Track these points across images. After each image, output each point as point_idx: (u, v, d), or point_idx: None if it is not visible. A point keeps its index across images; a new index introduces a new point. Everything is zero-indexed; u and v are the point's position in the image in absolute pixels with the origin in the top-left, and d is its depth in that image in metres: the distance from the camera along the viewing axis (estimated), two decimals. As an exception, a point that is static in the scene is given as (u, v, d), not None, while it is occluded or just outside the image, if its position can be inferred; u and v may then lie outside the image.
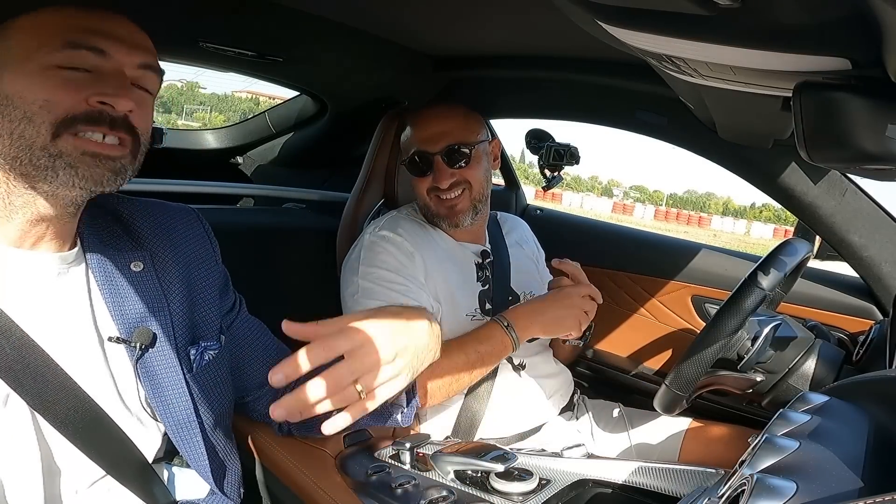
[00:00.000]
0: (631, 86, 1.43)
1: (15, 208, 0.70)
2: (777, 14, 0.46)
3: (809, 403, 0.61)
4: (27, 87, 0.67)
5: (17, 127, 0.67)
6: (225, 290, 0.93)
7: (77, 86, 0.68)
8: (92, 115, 0.68)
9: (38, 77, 0.67)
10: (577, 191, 63.40)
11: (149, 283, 0.80)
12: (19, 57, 0.68)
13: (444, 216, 1.31)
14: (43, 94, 0.67)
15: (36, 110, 0.67)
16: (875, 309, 1.42)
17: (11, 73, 0.68)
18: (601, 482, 1.01)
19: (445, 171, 1.28)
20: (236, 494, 0.89)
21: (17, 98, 0.67)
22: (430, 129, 1.31)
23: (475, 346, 1.17)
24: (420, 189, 1.33)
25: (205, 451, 0.81)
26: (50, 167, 0.67)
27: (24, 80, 0.67)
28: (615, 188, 79.91)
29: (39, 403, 0.68)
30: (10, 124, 0.67)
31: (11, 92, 0.67)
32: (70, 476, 0.73)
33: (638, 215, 44.76)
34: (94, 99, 0.69)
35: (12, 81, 0.68)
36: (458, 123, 1.31)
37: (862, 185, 1.33)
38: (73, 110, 0.68)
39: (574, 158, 1.78)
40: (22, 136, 0.67)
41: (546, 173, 1.83)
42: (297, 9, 1.26)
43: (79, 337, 0.74)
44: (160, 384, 0.78)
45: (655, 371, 1.70)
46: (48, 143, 0.67)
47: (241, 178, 2.23)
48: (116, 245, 0.80)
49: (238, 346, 0.93)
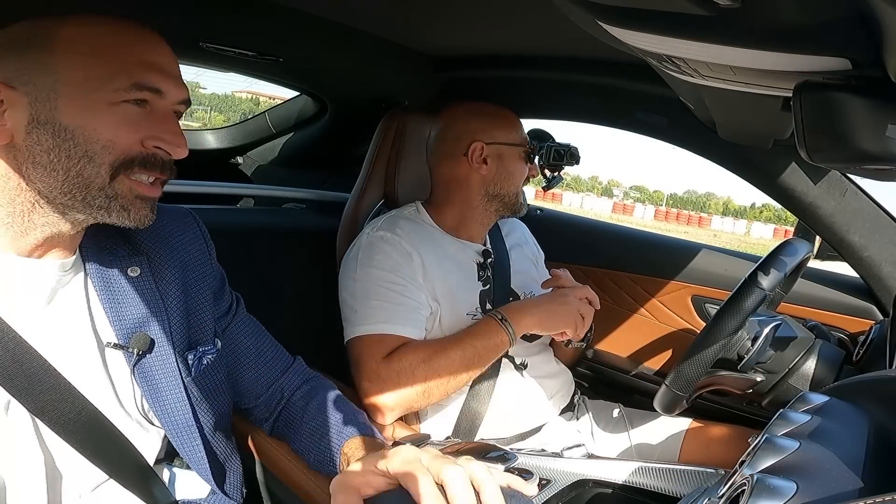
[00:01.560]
0: (631, 86, 1.43)
1: (35, 227, 0.69)
2: (777, 14, 0.46)
3: (809, 403, 0.61)
4: (91, 123, 0.65)
5: (76, 165, 0.65)
6: (220, 291, 0.92)
7: (136, 126, 0.67)
8: (147, 159, 0.68)
9: (104, 114, 0.65)
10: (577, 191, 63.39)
11: (146, 288, 0.79)
12: (78, 85, 0.64)
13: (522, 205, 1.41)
14: (107, 135, 0.65)
15: (98, 150, 0.65)
16: (875, 309, 1.42)
17: (71, 103, 0.64)
18: (601, 482, 1.01)
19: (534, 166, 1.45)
20: (238, 494, 0.89)
21: (79, 134, 0.64)
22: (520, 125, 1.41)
23: (471, 342, 1.16)
24: (521, 177, 1.39)
25: (205, 454, 0.81)
26: (105, 207, 0.68)
27: (88, 115, 0.65)
28: (615, 188, 79.87)
29: (39, 409, 0.68)
30: (67, 161, 0.65)
31: (73, 125, 0.64)
32: (73, 480, 0.73)
33: (638, 215, 44.76)
34: (150, 143, 0.68)
35: (72, 115, 0.64)
36: None
37: (862, 185, 1.33)
38: (131, 152, 0.67)
39: (574, 158, 1.78)
40: (80, 174, 0.65)
41: (546, 173, 1.82)
42: (297, 9, 1.26)
43: (78, 343, 0.74)
44: (159, 389, 0.78)
45: (655, 371, 1.70)
46: (106, 185, 0.66)
47: (241, 178, 2.23)
48: (113, 251, 0.79)
49: (234, 347, 0.93)
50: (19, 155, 0.65)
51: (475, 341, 1.17)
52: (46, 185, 0.66)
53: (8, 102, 0.64)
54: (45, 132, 0.64)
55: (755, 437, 0.58)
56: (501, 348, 1.19)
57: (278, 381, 0.96)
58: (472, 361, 1.16)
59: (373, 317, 1.18)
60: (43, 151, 0.65)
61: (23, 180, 0.66)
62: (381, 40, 1.48)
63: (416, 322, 1.19)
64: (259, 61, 1.49)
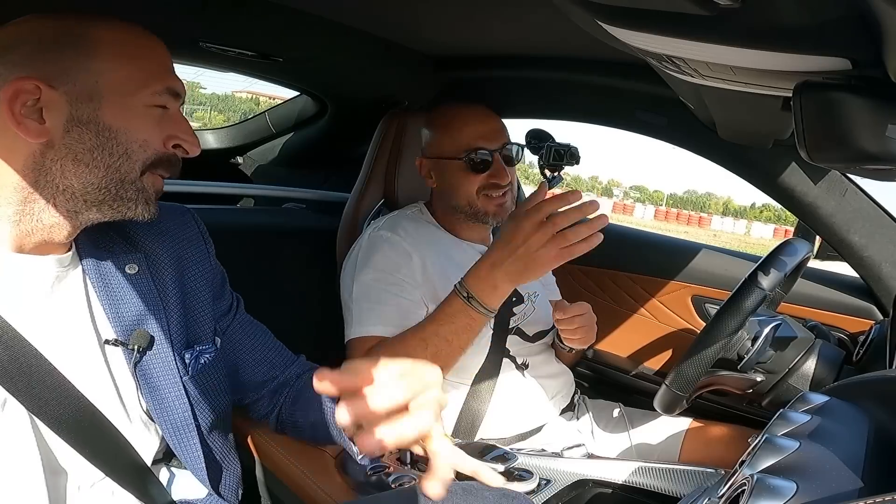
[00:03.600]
0: (631, 86, 1.43)
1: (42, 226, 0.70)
2: (777, 14, 0.46)
3: (809, 403, 0.61)
4: (132, 124, 0.70)
5: (116, 161, 0.69)
6: (221, 290, 0.92)
7: (161, 125, 0.72)
8: (169, 159, 0.74)
9: (142, 116, 0.70)
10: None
11: (144, 285, 0.80)
12: (120, 88, 0.69)
13: (494, 214, 1.29)
14: (143, 134, 0.71)
15: (136, 148, 0.70)
16: (875, 309, 1.42)
17: (114, 106, 0.69)
18: (601, 482, 1.01)
19: (504, 169, 1.27)
20: (234, 496, 0.88)
21: (121, 133, 0.69)
22: (488, 126, 1.29)
23: (435, 329, 1.05)
24: (468, 188, 1.27)
25: (201, 454, 0.81)
26: (133, 199, 0.72)
27: (129, 116, 0.69)
28: (615, 188, 79.86)
29: (36, 406, 0.68)
30: (109, 158, 0.69)
31: (115, 126, 0.69)
32: (71, 476, 0.73)
33: (638, 215, 44.77)
34: (170, 142, 0.74)
35: (117, 115, 0.69)
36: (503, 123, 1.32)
37: (862, 185, 1.33)
38: (159, 151, 0.72)
39: (574, 158, 1.78)
40: (118, 170, 0.70)
41: (546, 173, 1.82)
42: (297, 9, 1.26)
43: (76, 340, 0.74)
44: (157, 387, 0.78)
45: (656, 371, 1.70)
46: (137, 179, 0.71)
47: (241, 178, 2.23)
48: (111, 248, 0.79)
49: (235, 347, 0.93)
50: (56, 153, 0.68)
51: (439, 328, 1.05)
52: (83, 182, 0.69)
53: (47, 101, 0.66)
54: (88, 131, 0.68)
55: (755, 437, 0.58)
56: (478, 326, 1.05)
57: (282, 375, 0.96)
58: (442, 349, 1.04)
59: (365, 319, 1.18)
60: (86, 150, 0.68)
61: (56, 177, 0.68)
62: (381, 40, 1.48)
63: (408, 324, 1.18)
64: (259, 61, 1.49)
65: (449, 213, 1.34)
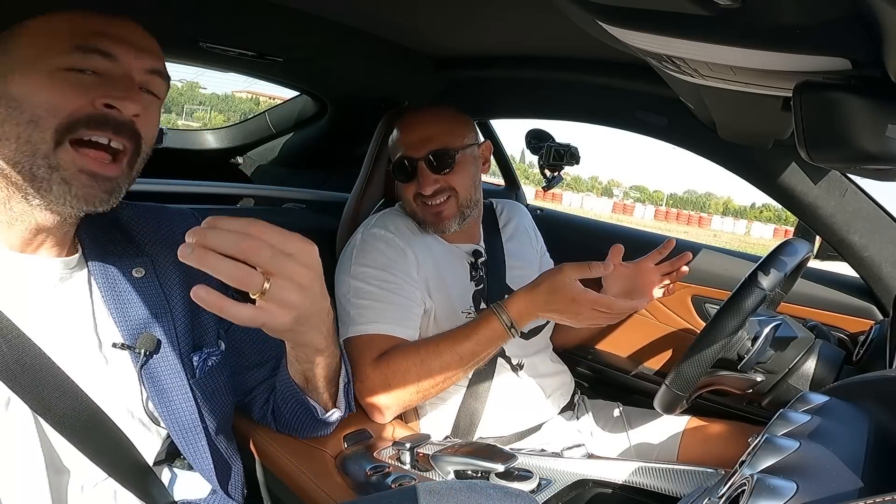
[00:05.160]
0: (631, 86, 1.43)
1: (15, 215, 0.70)
2: (777, 14, 0.46)
3: (809, 403, 0.61)
4: (35, 89, 0.67)
5: (24, 130, 0.66)
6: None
7: (84, 88, 0.68)
8: (97, 118, 0.68)
9: (45, 80, 0.67)
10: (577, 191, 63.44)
11: (151, 289, 0.80)
12: (28, 59, 0.68)
13: (431, 223, 1.29)
14: (50, 97, 0.67)
15: (42, 114, 0.66)
16: (875, 309, 1.42)
17: (20, 76, 0.68)
18: (601, 482, 1.01)
19: (430, 177, 1.25)
20: (240, 494, 0.89)
21: (24, 101, 0.67)
22: (414, 134, 1.28)
23: (465, 339, 1.11)
24: (406, 194, 1.30)
25: (209, 454, 0.81)
26: (46, 178, 0.67)
27: (31, 83, 0.67)
28: (615, 188, 79.92)
29: (39, 405, 0.68)
30: (17, 127, 0.67)
31: (19, 94, 0.67)
32: (74, 475, 0.73)
33: (638, 215, 44.79)
34: (100, 101, 0.68)
35: (21, 84, 0.67)
36: (443, 128, 1.28)
37: (862, 185, 1.33)
38: (78, 113, 0.67)
39: (574, 158, 1.78)
40: (28, 140, 0.66)
41: (546, 173, 1.83)
42: (297, 9, 1.26)
43: (80, 341, 0.74)
44: (165, 390, 0.78)
45: (655, 371, 1.70)
46: (50, 152, 0.67)
47: (241, 178, 2.23)
48: (117, 251, 0.80)
49: (237, 348, 0.93)
50: None
51: (470, 338, 1.11)
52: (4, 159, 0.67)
53: None
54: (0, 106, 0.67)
55: (755, 436, 0.58)
56: (500, 340, 1.13)
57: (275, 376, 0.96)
58: (468, 358, 1.12)
59: (365, 317, 1.17)
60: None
61: None
62: (381, 40, 1.48)
63: (408, 321, 1.19)
64: (259, 61, 1.49)
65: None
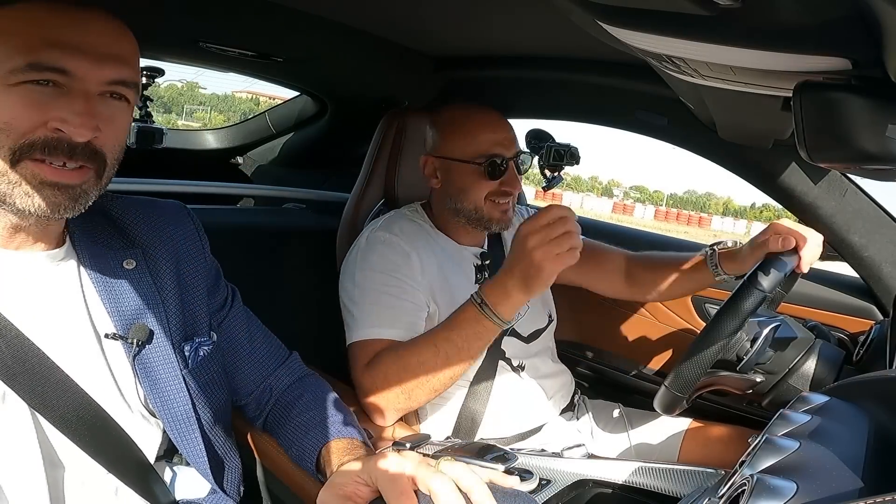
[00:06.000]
0: (631, 86, 1.43)
1: None
2: (777, 14, 0.46)
3: (809, 404, 0.61)
4: None
5: None
6: (215, 285, 0.92)
7: (39, 106, 0.64)
8: (50, 143, 0.64)
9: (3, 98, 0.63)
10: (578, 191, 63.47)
11: (142, 280, 0.80)
12: None
13: (498, 221, 1.29)
14: (4, 117, 0.63)
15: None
16: (875, 309, 1.42)
17: None
18: (601, 482, 1.01)
19: (516, 178, 1.28)
20: (236, 492, 0.89)
21: None
22: (503, 133, 1.28)
23: (447, 335, 1.07)
24: (477, 193, 1.26)
25: (203, 448, 0.81)
26: (8, 193, 0.65)
27: None
28: (615, 188, 79.94)
29: (37, 401, 0.68)
30: None
31: None
32: (73, 471, 0.73)
33: (638, 215, 44.83)
34: (52, 124, 0.64)
35: None
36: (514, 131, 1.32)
37: (862, 185, 1.33)
38: (32, 136, 0.64)
39: (574, 158, 1.78)
40: None
41: (546, 173, 1.82)
42: (297, 9, 1.26)
43: (74, 334, 0.74)
44: (158, 380, 0.78)
45: (655, 371, 1.70)
46: (8, 170, 0.64)
47: (241, 178, 2.23)
48: (108, 243, 0.80)
49: (230, 345, 0.93)
50: None
51: (451, 333, 1.07)
52: None
53: None
54: None
55: (755, 437, 0.58)
56: (489, 334, 1.07)
57: (270, 378, 0.96)
58: (453, 355, 1.07)
59: (366, 322, 1.17)
60: None
61: None
62: (381, 40, 1.48)
63: (410, 325, 1.18)
64: (259, 61, 1.49)
65: (448, 215, 1.33)
